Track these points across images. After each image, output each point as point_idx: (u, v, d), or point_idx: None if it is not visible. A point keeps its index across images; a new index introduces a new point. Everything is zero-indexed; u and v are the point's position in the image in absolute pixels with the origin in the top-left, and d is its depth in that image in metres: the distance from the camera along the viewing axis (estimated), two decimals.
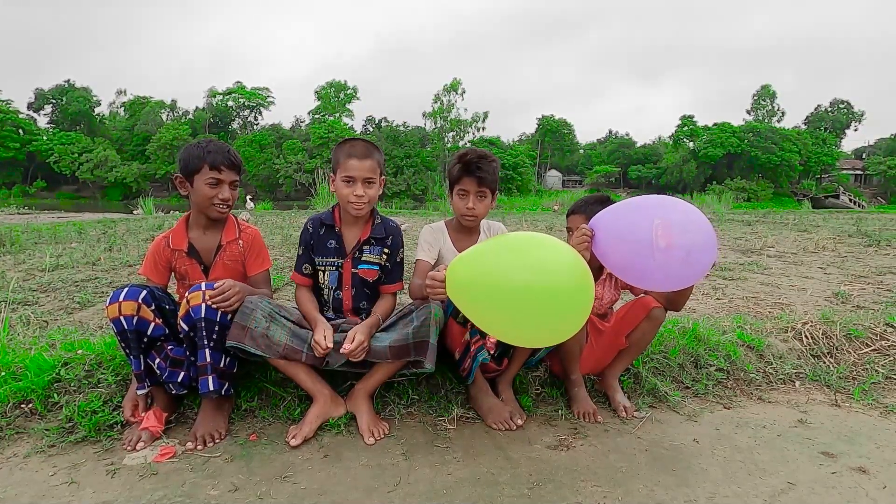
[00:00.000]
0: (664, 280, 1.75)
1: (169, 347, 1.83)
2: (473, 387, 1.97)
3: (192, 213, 1.98)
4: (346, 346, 1.75)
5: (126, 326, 1.71)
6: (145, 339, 1.77)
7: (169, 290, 1.97)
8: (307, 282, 2.06)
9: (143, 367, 1.77)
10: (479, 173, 2.02)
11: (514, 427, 1.87)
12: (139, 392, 1.79)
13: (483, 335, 1.86)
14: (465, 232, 2.15)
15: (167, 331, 1.82)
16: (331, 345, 1.78)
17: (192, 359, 1.77)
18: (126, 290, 1.75)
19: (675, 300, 2.03)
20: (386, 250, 2.05)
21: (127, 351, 1.76)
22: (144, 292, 1.76)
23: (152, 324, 1.77)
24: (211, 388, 1.74)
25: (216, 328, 1.74)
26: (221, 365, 1.76)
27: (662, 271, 1.68)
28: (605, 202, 2.12)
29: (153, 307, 1.78)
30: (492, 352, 1.98)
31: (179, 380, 1.81)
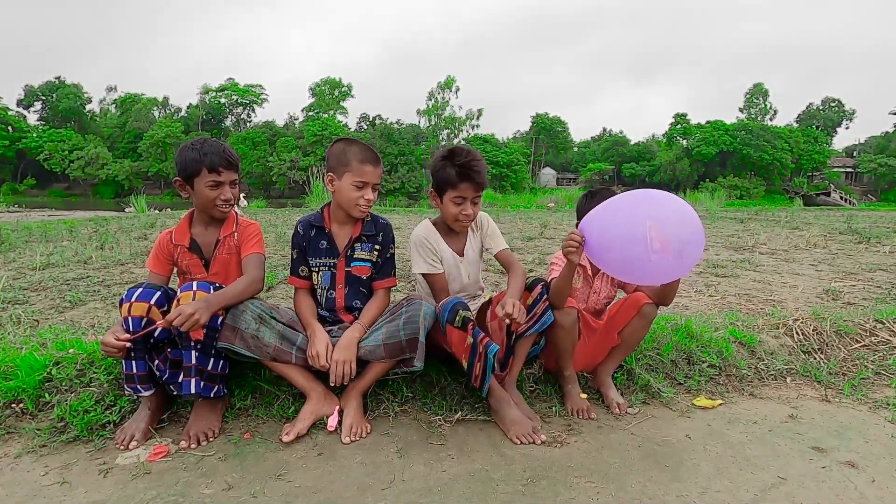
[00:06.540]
0: (659, 276, 1.78)
1: (168, 349, 1.81)
2: (494, 399, 1.88)
3: (195, 212, 2.00)
4: (331, 380, 1.78)
5: (132, 328, 1.68)
6: (151, 342, 1.75)
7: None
8: (305, 284, 2.04)
9: (147, 370, 1.75)
10: (478, 178, 1.95)
11: (539, 441, 1.76)
12: (146, 393, 1.76)
13: (488, 333, 1.81)
14: (454, 231, 2.14)
15: (171, 334, 1.78)
16: (329, 364, 1.78)
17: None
18: (140, 290, 1.71)
19: (664, 294, 2.04)
20: (377, 246, 2.04)
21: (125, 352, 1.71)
22: (158, 294, 1.73)
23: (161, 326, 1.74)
24: (192, 390, 1.72)
25: (204, 330, 1.72)
26: (209, 367, 1.75)
27: (657, 268, 1.70)
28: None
29: (165, 309, 1.73)
30: (510, 341, 1.94)
31: (180, 380, 1.78)
